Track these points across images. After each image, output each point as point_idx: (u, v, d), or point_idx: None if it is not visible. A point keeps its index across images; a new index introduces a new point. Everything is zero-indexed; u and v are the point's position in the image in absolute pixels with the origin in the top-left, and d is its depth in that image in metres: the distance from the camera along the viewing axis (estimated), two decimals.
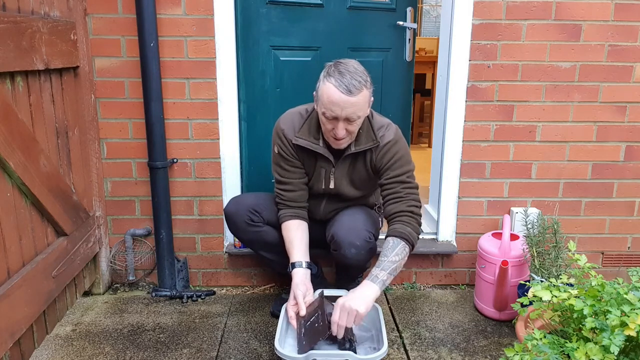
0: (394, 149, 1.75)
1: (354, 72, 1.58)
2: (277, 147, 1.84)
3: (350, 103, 1.56)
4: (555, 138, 2.21)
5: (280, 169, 1.86)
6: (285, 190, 1.86)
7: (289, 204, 1.87)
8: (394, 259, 1.66)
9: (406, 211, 1.72)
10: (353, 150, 1.75)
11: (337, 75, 1.57)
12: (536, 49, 2.11)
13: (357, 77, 1.57)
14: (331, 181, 1.84)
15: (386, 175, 1.76)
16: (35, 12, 1.67)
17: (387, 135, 1.76)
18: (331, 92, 1.57)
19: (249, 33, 2.22)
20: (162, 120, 2.09)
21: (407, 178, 1.76)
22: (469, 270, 2.35)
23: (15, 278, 1.56)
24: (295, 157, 1.82)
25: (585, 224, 2.30)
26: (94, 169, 2.13)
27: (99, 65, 2.08)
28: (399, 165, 1.75)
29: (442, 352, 1.81)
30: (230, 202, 1.95)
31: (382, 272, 1.64)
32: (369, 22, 2.43)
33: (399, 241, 1.68)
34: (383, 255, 1.67)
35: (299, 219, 1.86)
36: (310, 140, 1.77)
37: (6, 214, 1.53)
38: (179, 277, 2.25)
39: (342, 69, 1.58)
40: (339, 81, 1.56)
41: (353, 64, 1.62)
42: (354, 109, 1.58)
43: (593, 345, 1.17)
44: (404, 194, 1.74)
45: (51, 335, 1.90)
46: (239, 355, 1.79)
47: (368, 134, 1.75)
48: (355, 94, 1.56)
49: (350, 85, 1.55)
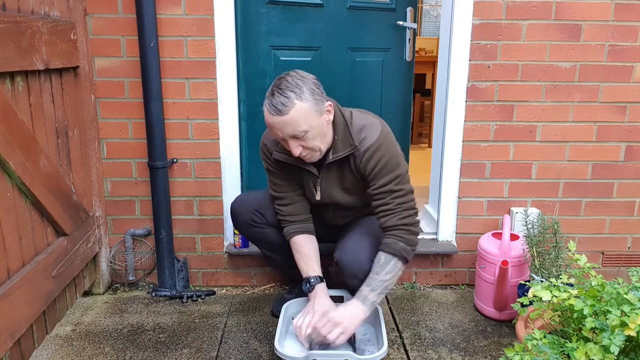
0: (377, 155, 1.61)
1: (285, 88, 1.48)
2: (265, 163, 1.81)
3: (283, 122, 1.49)
4: (555, 138, 2.21)
5: (273, 185, 1.83)
6: (283, 204, 1.83)
7: (290, 219, 1.83)
8: (384, 278, 1.62)
9: (398, 225, 1.63)
10: (331, 159, 1.66)
11: (269, 96, 1.50)
12: (536, 49, 2.11)
13: (286, 93, 1.47)
14: (318, 192, 1.77)
15: (373, 184, 1.65)
16: (35, 12, 1.67)
17: (369, 138, 1.62)
18: (265, 115, 1.52)
19: (249, 33, 2.22)
20: (162, 120, 2.09)
21: (395, 186, 1.63)
22: (469, 270, 2.35)
23: (15, 278, 1.56)
24: (282, 170, 1.78)
25: (585, 224, 2.30)
26: (94, 169, 2.13)
27: (99, 65, 2.08)
28: (385, 173, 1.62)
29: (442, 352, 1.81)
30: (237, 200, 1.96)
31: (372, 292, 1.61)
32: (369, 22, 2.43)
33: (391, 258, 1.63)
34: (374, 272, 1.63)
35: (304, 234, 1.82)
36: (287, 153, 1.66)
37: (6, 214, 1.53)
38: (179, 277, 2.25)
39: (274, 87, 1.50)
40: (269, 103, 1.49)
41: (289, 77, 1.52)
42: (291, 126, 1.49)
43: (593, 345, 1.17)
44: (394, 206, 1.63)
45: (51, 335, 1.90)
46: (239, 355, 1.79)
47: (345, 139, 1.64)
48: (286, 111, 1.47)
49: (278, 104, 1.47)
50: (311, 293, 1.75)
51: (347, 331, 1.59)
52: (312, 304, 1.72)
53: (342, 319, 1.59)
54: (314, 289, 1.74)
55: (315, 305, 1.70)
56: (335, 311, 1.63)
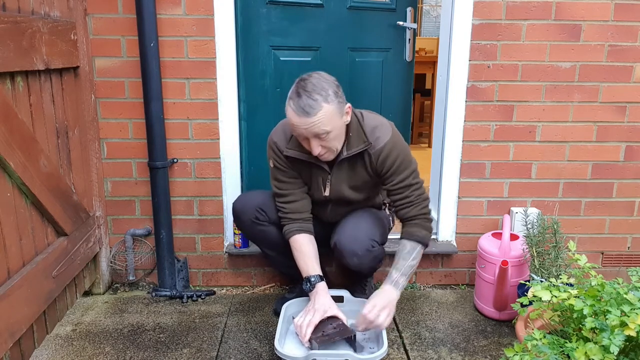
0: (394, 153, 1.72)
1: (311, 91, 1.54)
2: (272, 160, 1.84)
3: (310, 123, 1.55)
4: (555, 138, 2.21)
5: (278, 182, 1.85)
6: (286, 202, 1.85)
7: (292, 217, 1.85)
8: (412, 264, 1.74)
9: (420, 215, 1.77)
10: (345, 154, 1.73)
11: (295, 97, 1.56)
12: (536, 49, 2.11)
13: (313, 96, 1.54)
14: (327, 188, 1.82)
15: (392, 181, 1.76)
16: (35, 12, 1.67)
17: (382, 137, 1.72)
18: (290, 115, 1.58)
19: (249, 33, 2.22)
20: (162, 120, 2.09)
21: (413, 180, 1.76)
22: (469, 270, 2.35)
23: (16, 278, 1.56)
24: (290, 167, 1.82)
25: (585, 224, 2.31)
26: (94, 169, 2.13)
27: (99, 65, 2.09)
28: (402, 169, 1.74)
29: (442, 352, 1.82)
30: (239, 199, 1.97)
31: (402, 277, 1.73)
32: (369, 22, 2.43)
33: (416, 245, 1.76)
34: (402, 258, 1.74)
35: (305, 233, 1.84)
36: (301, 150, 1.74)
37: (6, 214, 1.53)
38: (179, 277, 2.25)
39: (300, 89, 1.56)
40: (296, 104, 1.55)
41: (313, 79, 1.58)
42: (317, 126, 1.56)
43: (593, 345, 1.17)
44: (414, 198, 1.76)
45: (51, 335, 1.90)
46: (239, 355, 1.79)
47: (359, 136, 1.72)
48: (313, 113, 1.54)
49: (306, 106, 1.53)
50: (312, 292, 1.76)
51: (392, 312, 1.70)
52: (312, 303, 1.73)
53: (386, 303, 1.68)
54: (314, 287, 1.75)
55: (315, 304, 1.71)
56: (375, 298, 1.70)
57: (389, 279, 1.73)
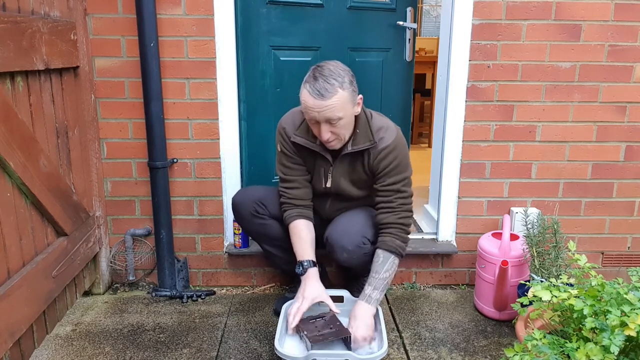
0: (392, 155, 1.74)
1: (328, 75, 1.58)
2: (279, 145, 1.87)
3: (324, 106, 1.58)
4: (555, 138, 2.21)
5: (283, 167, 1.88)
6: (290, 187, 1.87)
7: (294, 203, 1.87)
8: (384, 276, 1.74)
9: (396, 223, 1.76)
10: (350, 149, 1.75)
11: (311, 81, 1.60)
12: (536, 49, 2.11)
13: (330, 81, 1.58)
14: (329, 180, 1.85)
15: (382, 181, 1.77)
16: (35, 12, 1.67)
17: (387, 138, 1.75)
18: (305, 97, 1.62)
19: (249, 33, 2.22)
20: (162, 120, 2.09)
21: (402, 187, 1.77)
22: (469, 270, 2.35)
23: (16, 278, 1.56)
24: (296, 154, 1.84)
25: (585, 224, 2.31)
26: (94, 169, 2.13)
27: (99, 65, 2.08)
28: (395, 173, 1.75)
29: (442, 352, 1.82)
30: (239, 192, 1.99)
31: (375, 291, 1.73)
32: (369, 22, 2.43)
33: (389, 255, 1.75)
34: (374, 271, 1.74)
35: (305, 219, 1.86)
36: (308, 138, 1.78)
37: (6, 214, 1.53)
38: (179, 277, 2.25)
39: (317, 73, 1.60)
40: (312, 86, 1.59)
41: (330, 66, 1.62)
42: (330, 111, 1.59)
43: (593, 346, 1.17)
44: (397, 205, 1.76)
45: (51, 335, 1.90)
46: (239, 355, 1.79)
47: (366, 134, 1.75)
48: (328, 97, 1.57)
49: (322, 89, 1.57)
50: (303, 276, 1.78)
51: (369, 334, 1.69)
52: (302, 289, 1.76)
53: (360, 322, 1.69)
54: (306, 272, 1.78)
55: (305, 291, 1.74)
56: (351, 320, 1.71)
57: (363, 293, 1.74)
